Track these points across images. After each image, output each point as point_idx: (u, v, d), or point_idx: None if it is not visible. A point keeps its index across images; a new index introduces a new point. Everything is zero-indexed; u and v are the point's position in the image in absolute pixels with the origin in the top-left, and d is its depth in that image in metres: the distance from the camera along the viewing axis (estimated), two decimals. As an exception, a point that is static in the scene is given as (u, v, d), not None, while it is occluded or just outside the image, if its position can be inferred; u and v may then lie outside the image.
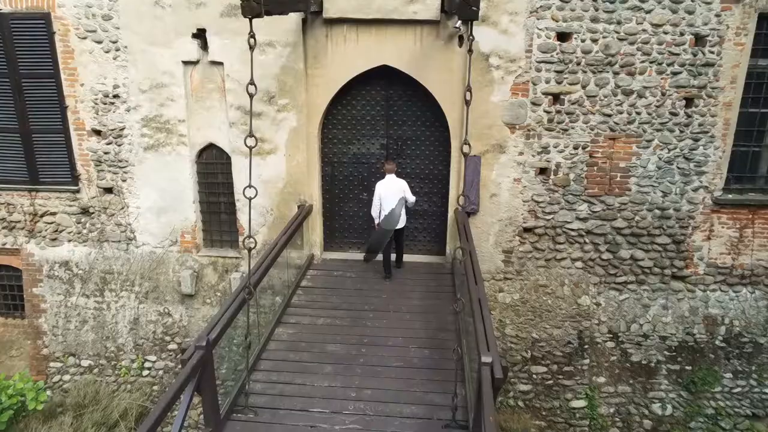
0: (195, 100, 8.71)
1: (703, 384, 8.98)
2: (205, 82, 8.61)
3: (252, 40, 5.16)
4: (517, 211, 8.78)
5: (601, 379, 9.10)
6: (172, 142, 8.86)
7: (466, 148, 5.34)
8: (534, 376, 9.11)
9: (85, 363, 9.51)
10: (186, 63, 8.48)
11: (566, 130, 8.38)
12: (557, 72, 8.13)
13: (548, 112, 8.31)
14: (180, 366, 5.21)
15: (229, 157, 8.95)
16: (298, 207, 8.94)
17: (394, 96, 8.84)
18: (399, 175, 8.54)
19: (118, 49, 8.48)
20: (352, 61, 8.36)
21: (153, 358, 9.44)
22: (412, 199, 8.37)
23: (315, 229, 9.26)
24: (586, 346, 9.09)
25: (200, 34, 8.31)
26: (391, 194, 8.24)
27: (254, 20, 5.26)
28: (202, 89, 8.65)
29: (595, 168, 8.51)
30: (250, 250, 5.42)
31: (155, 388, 9.37)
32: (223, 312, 5.41)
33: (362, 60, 8.35)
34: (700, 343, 9.08)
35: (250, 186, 5.22)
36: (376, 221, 8.52)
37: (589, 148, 8.44)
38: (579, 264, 8.99)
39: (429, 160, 9.10)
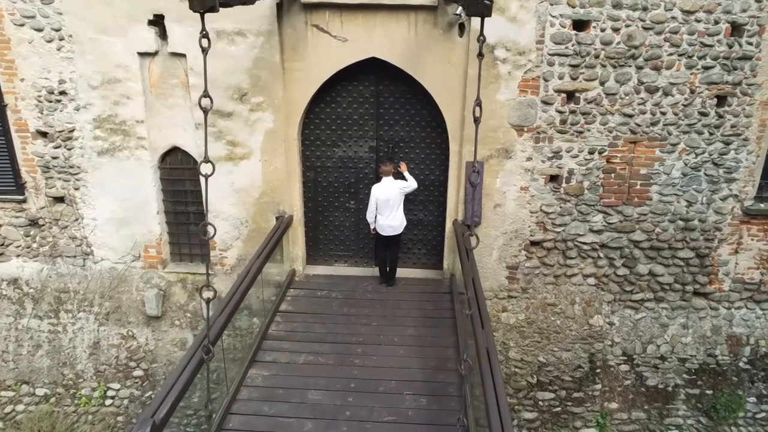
0: (155, 97, 7.55)
1: (726, 409, 8.18)
2: (165, 76, 7.44)
3: (205, 41, 4.05)
4: (524, 223, 7.80)
5: (614, 405, 8.26)
6: (130, 146, 7.72)
7: (474, 177, 4.34)
8: (540, 402, 8.25)
9: (40, 392, 8.48)
10: (142, 54, 7.29)
11: (581, 132, 7.35)
12: (572, 66, 7.05)
13: (561, 113, 7.26)
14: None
15: (196, 162, 7.85)
16: (277, 219, 7.90)
17: (384, 92, 7.73)
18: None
19: (62, 38, 7.26)
20: (336, 52, 7.23)
21: (116, 385, 8.44)
22: (413, 185, 7.54)
23: (296, 242, 8.22)
24: (598, 370, 8.22)
25: (158, 21, 7.11)
26: (389, 200, 7.37)
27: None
28: (163, 85, 7.49)
29: (613, 175, 7.52)
30: (208, 301, 4.41)
31: (120, 419, 8.40)
32: (173, 381, 4.38)
33: (348, 51, 7.22)
34: (722, 365, 8.26)
35: (207, 224, 4.20)
36: (372, 225, 7.67)
37: (606, 153, 7.43)
38: (591, 280, 8.06)
39: (424, 165, 8.04)
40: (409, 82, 7.41)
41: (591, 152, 7.43)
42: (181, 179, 8.05)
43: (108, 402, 8.43)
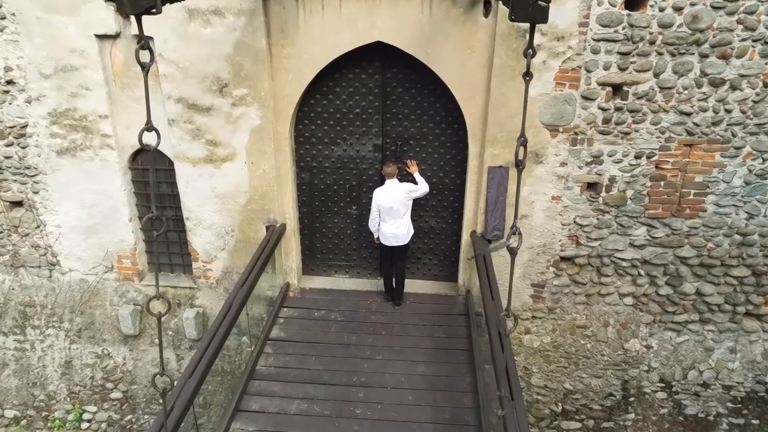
0: (120, 88, 6.38)
1: (773, 441, 7.30)
2: (131, 63, 6.24)
3: (145, 54, 2.91)
4: (554, 237, 6.70)
5: (647, 435, 7.39)
6: (93, 145, 6.60)
7: (513, 241, 3.30)
8: (565, 433, 7.39)
9: (9, 414, 7.69)
10: (101, 37, 6.09)
11: (627, 133, 6.14)
12: (621, 54, 5.78)
13: (605, 110, 6.04)
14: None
15: (172, 162, 6.73)
16: (267, 228, 6.85)
17: (392, 82, 6.51)
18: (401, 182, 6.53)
19: (3, 17, 6.05)
20: (334, 35, 5.98)
21: (93, 408, 7.62)
22: (424, 189, 6.53)
23: (290, 254, 7.17)
24: (632, 398, 7.30)
25: (117, -3, 5.86)
26: (393, 206, 6.36)
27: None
28: (129, 74, 6.30)
29: (662, 183, 6.36)
30: (164, 393, 3.43)
31: (98, 444, 7.64)
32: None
33: (348, 34, 5.97)
34: (772, 393, 7.31)
35: (157, 296, 3.24)
36: (375, 235, 6.72)
37: (656, 158, 6.24)
38: (629, 300, 7.02)
39: (438, 166, 6.89)
40: (422, 71, 6.18)
41: (638, 156, 6.24)
42: (156, 181, 6.95)
43: (84, 426, 7.64)
